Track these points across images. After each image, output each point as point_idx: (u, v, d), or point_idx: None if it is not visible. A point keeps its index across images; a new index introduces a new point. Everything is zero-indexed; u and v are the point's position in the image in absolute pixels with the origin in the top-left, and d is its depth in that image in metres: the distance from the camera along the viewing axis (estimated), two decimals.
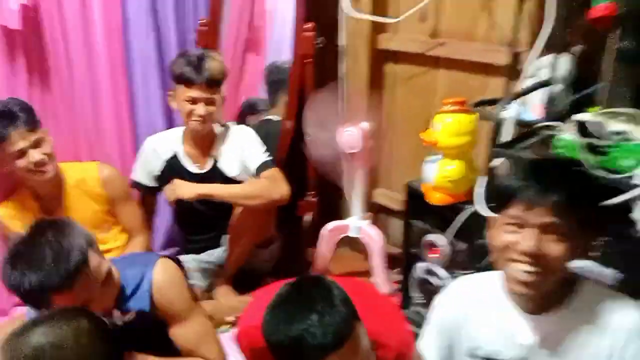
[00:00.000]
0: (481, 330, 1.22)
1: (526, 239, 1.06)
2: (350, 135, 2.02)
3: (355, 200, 2.26)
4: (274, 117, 2.50)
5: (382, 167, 2.47)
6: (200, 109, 1.98)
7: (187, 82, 1.96)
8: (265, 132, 2.32)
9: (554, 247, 1.06)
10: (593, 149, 1.30)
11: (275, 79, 2.65)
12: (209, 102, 1.99)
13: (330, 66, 2.25)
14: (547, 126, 1.48)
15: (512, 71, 1.84)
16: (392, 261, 2.25)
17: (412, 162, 2.07)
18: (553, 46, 1.61)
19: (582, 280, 1.16)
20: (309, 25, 2.15)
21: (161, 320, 1.45)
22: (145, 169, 2.16)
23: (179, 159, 2.13)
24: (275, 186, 2.02)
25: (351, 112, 2.16)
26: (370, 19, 2.13)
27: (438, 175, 1.63)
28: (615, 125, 1.36)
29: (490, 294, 1.22)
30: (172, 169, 2.11)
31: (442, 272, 1.77)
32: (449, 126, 1.58)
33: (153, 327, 1.46)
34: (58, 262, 1.24)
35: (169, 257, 1.53)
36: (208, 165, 2.13)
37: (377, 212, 2.51)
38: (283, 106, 2.48)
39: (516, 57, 1.82)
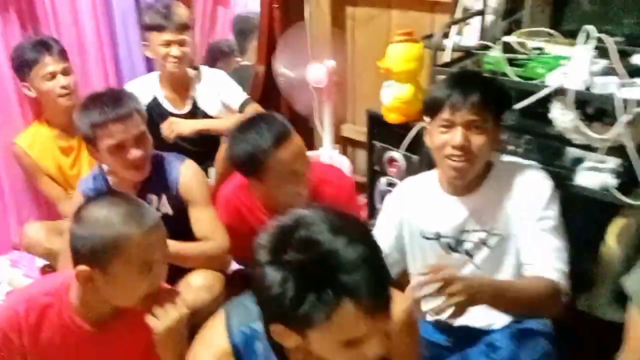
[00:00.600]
0: (425, 215, 1.53)
1: (456, 135, 1.36)
2: (317, 72, 2.27)
3: (326, 132, 2.54)
4: (246, 62, 2.72)
5: (347, 104, 2.73)
6: (175, 50, 2.19)
7: (159, 28, 2.18)
8: (239, 77, 2.55)
9: (477, 139, 1.37)
10: (515, 63, 1.59)
11: (243, 28, 2.87)
12: (182, 43, 2.20)
13: (296, 10, 2.48)
14: (481, 49, 1.76)
15: (455, 7, 2.10)
16: (359, 188, 2.55)
17: (374, 98, 2.28)
18: None
19: (496, 159, 1.50)
20: None
21: (184, 204, 1.74)
22: None
23: (159, 102, 2.32)
24: None
25: (317, 51, 2.41)
26: None
27: (393, 98, 1.91)
28: (534, 43, 1.66)
29: (429, 187, 1.54)
30: (153, 112, 2.26)
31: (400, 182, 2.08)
32: (400, 54, 1.84)
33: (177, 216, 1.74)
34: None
35: None
36: (188, 106, 2.33)
37: (345, 144, 2.79)
38: (253, 52, 2.71)
39: None
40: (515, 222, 1.43)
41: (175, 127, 2.19)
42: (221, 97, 2.32)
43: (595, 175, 1.50)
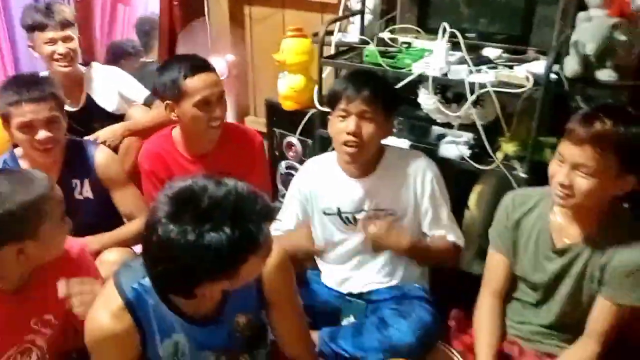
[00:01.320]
0: (327, 193, 1.77)
1: (350, 123, 1.60)
2: (216, 65, 2.42)
3: None
4: (150, 59, 2.81)
5: (249, 97, 2.90)
6: (60, 47, 2.19)
7: (41, 27, 2.17)
8: (143, 75, 2.63)
9: (368, 128, 1.60)
10: (388, 55, 1.86)
11: (146, 28, 2.96)
12: (66, 39, 2.20)
13: (195, 7, 2.61)
14: (362, 44, 2.02)
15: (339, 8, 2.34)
16: None
17: (273, 90, 2.43)
18: None
19: (387, 148, 1.74)
20: None
21: (103, 188, 1.90)
22: None
23: None
24: None
25: (217, 47, 2.57)
26: None
27: (287, 87, 2.12)
28: (404, 39, 1.94)
29: (330, 168, 1.77)
30: None
31: (298, 165, 2.30)
32: (292, 48, 2.06)
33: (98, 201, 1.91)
34: None
35: None
36: (81, 103, 2.33)
37: None
38: (157, 49, 2.80)
39: None
40: (407, 202, 1.70)
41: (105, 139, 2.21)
42: (121, 91, 2.36)
43: (453, 148, 1.80)
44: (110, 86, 2.37)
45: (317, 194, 1.78)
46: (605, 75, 1.66)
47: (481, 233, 1.82)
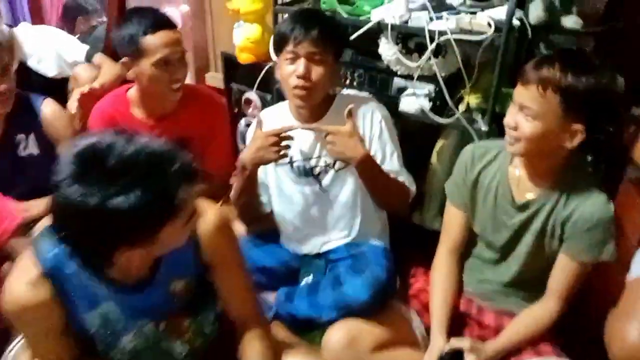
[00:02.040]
0: None
1: (299, 66, 1.50)
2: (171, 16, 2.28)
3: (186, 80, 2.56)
4: (103, 19, 2.65)
5: (209, 53, 2.77)
6: None
7: None
8: (94, 37, 2.48)
9: (317, 70, 1.51)
10: (346, 1, 1.75)
11: None
12: None
13: None
14: None
15: None
16: None
17: (231, 43, 2.38)
18: None
19: (338, 94, 1.66)
20: None
21: (50, 143, 1.79)
22: None
23: None
24: None
25: None
26: None
27: (243, 38, 2.00)
28: None
29: (282, 117, 1.68)
30: None
31: None
32: None
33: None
34: None
35: None
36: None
37: None
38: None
39: None
40: None
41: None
42: (59, 52, 2.22)
43: (414, 101, 1.72)
44: (45, 48, 2.22)
45: None
46: (570, 22, 1.59)
47: (443, 189, 1.77)
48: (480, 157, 1.47)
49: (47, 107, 1.81)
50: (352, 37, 1.70)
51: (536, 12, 1.59)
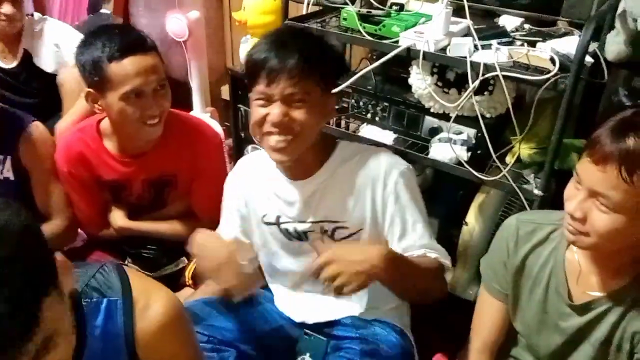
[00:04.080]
0: (263, 200, 1.34)
1: (274, 110, 1.14)
2: (177, 23, 2.01)
3: (194, 92, 2.29)
4: (105, 11, 2.42)
5: (226, 64, 2.50)
6: (6, 7, 1.93)
7: None
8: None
9: (298, 114, 1.15)
10: (371, 20, 1.42)
11: None
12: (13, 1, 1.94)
13: None
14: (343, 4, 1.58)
15: None
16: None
17: None
18: None
19: (339, 142, 1.30)
20: None
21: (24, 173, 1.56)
22: None
23: None
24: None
25: (184, 2, 2.15)
26: None
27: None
28: None
29: (265, 169, 1.33)
30: None
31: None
32: (255, 6, 1.64)
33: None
34: None
35: None
36: (17, 60, 2.05)
37: (224, 108, 2.56)
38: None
39: None
40: (363, 211, 1.25)
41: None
42: (60, 50, 2.03)
43: (448, 148, 1.36)
44: (50, 43, 2.04)
45: (254, 199, 1.35)
46: None
47: (481, 253, 1.41)
48: (528, 236, 1.12)
49: (34, 132, 1.55)
50: (373, 66, 1.36)
51: (616, 45, 1.23)
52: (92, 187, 1.58)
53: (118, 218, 1.60)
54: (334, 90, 1.23)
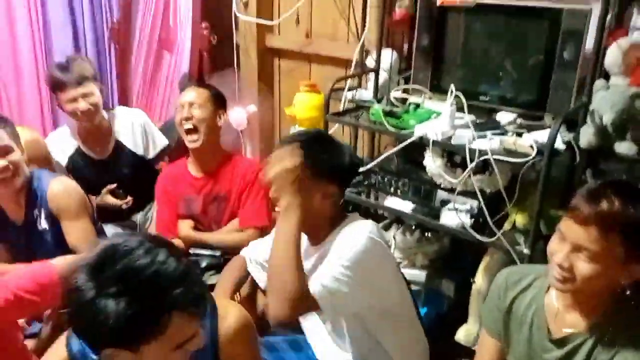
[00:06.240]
0: None
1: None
2: (237, 115, 2.45)
3: None
4: None
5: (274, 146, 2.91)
6: (81, 104, 2.20)
7: (60, 87, 2.18)
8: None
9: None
10: (393, 115, 1.81)
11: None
12: (86, 95, 2.20)
13: (226, 58, 2.68)
14: (378, 101, 1.98)
15: (362, 65, 2.31)
16: None
17: None
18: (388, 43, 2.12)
19: (351, 215, 1.52)
20: (205, 24, 2.58)
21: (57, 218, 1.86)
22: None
23: (82, 150, 2.37)
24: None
25: (244, 97, 2.60)
26: (254, 20, 2.57)
27: None
28: (416, 99, 1.88)
29: None
30: (79, 161, 2.36)
31: None
32: (304, 102, 2.05)
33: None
34: None
35: None
36: (109, 150, 2.38)
37: None
38: None
39: (366, 54, 2.31)
40: None
41: None
42: (148, 132, 2.43)
43: (455, 216, 1.69)
44: (137, 127, 2.42)
45: None
46: (624, 148, 1.53)
47: None
48: (515, 284, 1.39)
49: (58, 184, 1.89)
50: (393, 150, 1.73)
51: (587, 136, 1.56)
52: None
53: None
54: (362, 169, 1.60)
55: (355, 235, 1.39)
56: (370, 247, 1.37)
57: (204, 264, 1.99)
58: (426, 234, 2.01)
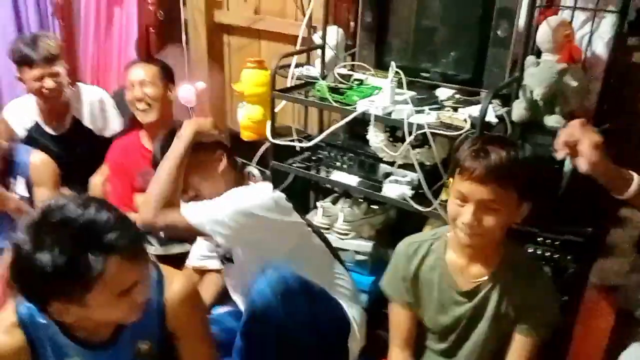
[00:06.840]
0: None
1: None
2: (185, 92, 2.44)
3: None
4: None
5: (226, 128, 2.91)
6: (48, 82, 2.22)
7: (28, 63, 2.17)
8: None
9: None
10: (338, 91, 1.85)
11: None
12: (53, 75, 2.22)
13: (174, 35, 2.66)
14: (322, 78, 2.02)
15: (310, 42, 2.33)
16: None
17: None
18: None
19: None
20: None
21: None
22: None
23: (40, 125, 2.37)
24: None
25: (194, 74, 2.59)
26: None
27: (245, 118, 2.12)
28: (359, 76, 1.93)
29: None
30: (36, 135, 2.36)
31: None
32: (251, 79, 2.06)
33: None
34: None
35: None
36: (66, 126, 2.40)
37: None
38: None
39: (313, 30, 2.33)
40: None
41: None
42: (105, 111, 2.45)
43: (396, 187, 1.76)
44: (97, 107, 2.44)
45: None
46: (552, 121, 1.62)
47: None
48: (415, 252, 1.47)
49: (37, 155, 2.03)
50: (339, 124, 1.78)
51: (519, 110, 1.64)
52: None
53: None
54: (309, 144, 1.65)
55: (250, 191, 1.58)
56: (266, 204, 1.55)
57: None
58: (372, 206, 2.07)
